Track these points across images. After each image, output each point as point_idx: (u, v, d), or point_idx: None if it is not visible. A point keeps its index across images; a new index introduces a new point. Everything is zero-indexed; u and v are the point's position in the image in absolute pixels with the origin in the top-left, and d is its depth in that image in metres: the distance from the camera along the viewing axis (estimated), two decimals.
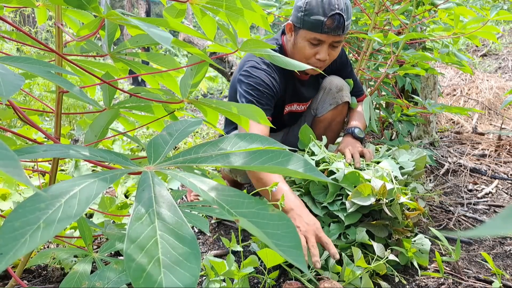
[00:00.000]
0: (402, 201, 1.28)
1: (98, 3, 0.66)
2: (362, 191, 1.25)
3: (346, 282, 1.16)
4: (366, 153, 1.50)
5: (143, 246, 0.33)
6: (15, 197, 1.45)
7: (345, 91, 1.71)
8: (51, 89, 3.16)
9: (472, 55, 5.51)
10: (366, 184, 1.25)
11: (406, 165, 1.48)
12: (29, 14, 6.40)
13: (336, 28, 1.44)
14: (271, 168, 0.42)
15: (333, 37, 1.47)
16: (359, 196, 1.25)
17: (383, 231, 1.31)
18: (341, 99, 1.69)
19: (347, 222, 1.28)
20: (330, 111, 1.72)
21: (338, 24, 1.43)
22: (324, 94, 1.74)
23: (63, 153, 0.48)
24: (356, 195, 1.26)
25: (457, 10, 1.72)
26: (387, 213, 1.25)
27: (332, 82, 1.72)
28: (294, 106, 1.77)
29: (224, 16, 0.82)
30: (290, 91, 1.68)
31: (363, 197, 1.25)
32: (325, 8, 1.42)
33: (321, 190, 1.37)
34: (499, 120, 3.46)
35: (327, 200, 1.32)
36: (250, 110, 0.84)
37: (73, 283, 0.72)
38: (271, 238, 0.35)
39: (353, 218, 1.29)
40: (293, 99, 1.73)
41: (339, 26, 1.44)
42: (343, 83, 1.72)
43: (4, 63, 0.52)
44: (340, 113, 1.73)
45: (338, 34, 1.46)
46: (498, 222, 0.24)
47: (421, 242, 1.32)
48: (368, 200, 1.24)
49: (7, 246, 0.32)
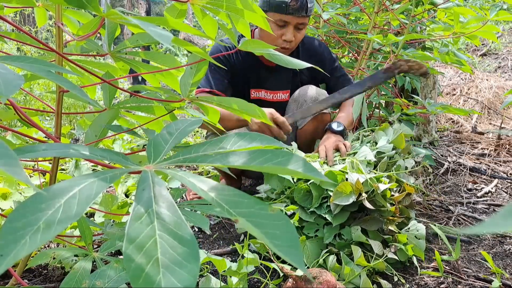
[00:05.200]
0: (383, 189, 1.25)
1: (98, 3, 0.66)
2: (342, 190, 1.23)
3: (346, 281, 1.16)
4: (341, 148, 1.50)
5: (142, 246, 0.33)
6: (15, 197, 1.45)
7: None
8: (51, 88, 3.16)
9: (472, 54, 5.51)
10: (345, 183, 1.23)
11: (385, 148, 1.47)
12: (29, 13, 6.39)
13: (300, 9, 1.56)
14: (271, 168, 0.42)
15: (297, 18, 1.59)
16: (341, 196, 1.24)
17: (375, 224, 1.29)
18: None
19: (336, 223, 1.27)
20: (310, 122, 1.71)
21: (301, 5, 1.56)
22: (299, 105, 1.75)
23: (63, 152, 0.48)
24: (337, 195, 1.24)
25: (457, 10, 1.72)
26: (368, 206, 1.24)
27: (306, 94, 1.73)
28: (261, 93, 1.82)
29: (224, 16, 0.82)
30: (255, 74, 1.77)
31: (345, 196, 1.24)
32: None
33: (306, 196, 1.35)
34: (498, 120, 3.46)
35: (314, 205, 1.31)
36: (250, 107, 0.84)
37: (73, 282, 0.72)
38: (269, 238, 0.35)
39: (341, 218, 1.27)
40: (259, 85, 1.79)
41: (302, 7, 1.57)
42: (318, 93, 1.73)
43: (5, 63, 0.52)
44: (321, 122, 1.72)
45: (302, 16, 1.59)
46: (498, 220, 0.24)
47: (416, 228, 1.32)
48: (350, 198, 1.23)
49: (7, 248, 0.32)
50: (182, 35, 3.24)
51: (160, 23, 0.62)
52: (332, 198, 1.24)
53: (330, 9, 2.05)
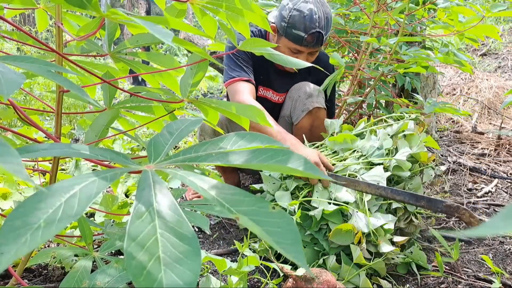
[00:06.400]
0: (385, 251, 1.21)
1: (98, 3, 0.66)
2: (342, 228, 1.21)
3: (345, 280, 1.16)
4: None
5: (144, 244, 0.33)
6: (15, 197, 1.45)
7: (315, 97, 1.71)
8: (51, 88, 3.16)
9: (472, 54, 5.51)
10: (347, 225, 1.21)
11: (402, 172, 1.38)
12: (30, 13, 6.39)
13: (315, 44, 1.59)
14: (272, 167, 0.42)
15: (312, 49, 1.61)
16: (339, 234, 1.22)
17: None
18: (311, 105, 1.69)
19: (332, 253, 1.26)
20: (305, 117, 1.71)
21: (317, 40, 1.58)
22: (294, 101, 1.75)
23: (63, 152, 0.48)
24: (337, 234, 1.22)
25: (456, 9, 1.72)
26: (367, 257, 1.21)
27: (300, 89, 1.74)
28: (269, 93, 1.81)
29: (224, 16, 0.82)
30: (265, 72, 1.76)
31: (344, 234, 1.21)
32: (306, 25, 1.55)
33: (307, 217, 1.32)
34: (498, 120, 3.46)
35: (313, 229, 1.29)
36: (250, 110, 0.84)
37: (73, 282, 0.72)
38: (271, 236, 0.35)
39: (337, 249, 1.26)
40: (268, 84, 1.79)
41: (318, 41, 1.59)
42: (313, 89, 1.72)
43: (5, 62, 0.52)
44: (316, 117, 1.71)
45: (318, 47, 1.61)
46: (498, 221, 0.24)
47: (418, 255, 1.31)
48: (349, 240, 1.21)
49: (8, 246, 0.32)
50: (182, 34, 3.24)
51: (160, 23, 0.62)
52: (331, 235, 1.22)
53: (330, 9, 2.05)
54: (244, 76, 1.63)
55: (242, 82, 1.62)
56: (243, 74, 1.64)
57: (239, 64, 1.65)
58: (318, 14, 1.55)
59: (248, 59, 1.68)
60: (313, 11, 1.55)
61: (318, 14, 1.55)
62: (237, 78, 1.62)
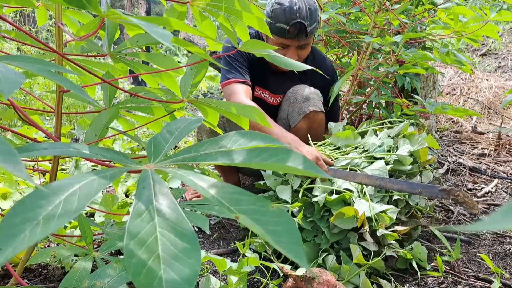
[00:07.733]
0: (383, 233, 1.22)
1: (99, 3, 0.66)
2: (345, 212, 1.22)
3: (345, 280, 1.16)
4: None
5: (143, 243, 0.33)
6: (15, 197, 1.45)
7: (312, 100, 1.69)
8: (51, 88, 3.16)
9: (472, 54, 5.51)
10: (349, 208, 1.22)
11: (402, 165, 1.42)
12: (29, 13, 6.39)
13: (299, 34, 1.59)
14: (271, 166, 0.43)
15: (298, 41, 1.61)
16: (342, 218, 1.22)
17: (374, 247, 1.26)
18: (308, 109, 1.67)
19: (332, 239, 1.26)
20: (302, 121, 1.70)
21: (300, 30, 1.58)
22: (291, 104, 1.74)
23: (63, 152, 0.48)
24: (339, 217, 1.22)
25: (456, 10, 1.72)
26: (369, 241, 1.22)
27: (297, 92, 1.73)
28: (265, 94, 1.82)
29: (223, 19, 0.82)
30: (261, 73, 1.77)
31: (346, 219, 1.22)
32: (287, 17, 1.56)
33: (310, 205, 1.33)
34: (498, 120, 3.46)
35: (315, 216, 1.30)
36: (249, 110, 0.84)
37: (73, 282, 0.72)
38: (271, 235, 0.35)
39: (338, 236, 1.27)
40: (264, 84, 1.80)
41: (301, 32, 1.58)
42: (310, 92, 1.71)
43: (5, 62, 0.52)
44: (313, 121, 1.71)
45: (303, 38, 1.61)
46: (498, 218, 0.24)
47: (419, 250, 1.31)
48: (350, 223, 1.22)
49: (6, 242, 0.32)
50: (182, 35, 3.25)
51: (161, 23, 0.62)
52: (333, 218, 1.23)
53: (331, 9, 2.05)
54: (239, 77, 1.65)
55: (237, 84, 1.63)
56: (238, 76, 1.65)
57: (234, 65, 1.67)
58: (298, 5, 1.57)
59: (244, 60, 1.70)
60: (293, 3, 1.57)
61: (299, 5, 1.57)
62: (233, 80, 1.63)
